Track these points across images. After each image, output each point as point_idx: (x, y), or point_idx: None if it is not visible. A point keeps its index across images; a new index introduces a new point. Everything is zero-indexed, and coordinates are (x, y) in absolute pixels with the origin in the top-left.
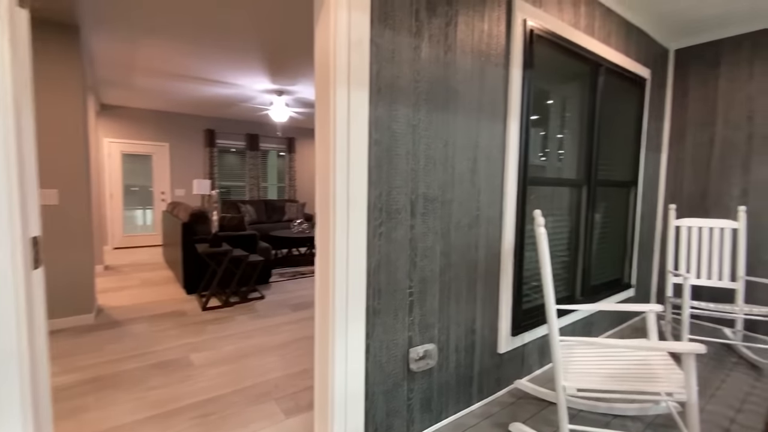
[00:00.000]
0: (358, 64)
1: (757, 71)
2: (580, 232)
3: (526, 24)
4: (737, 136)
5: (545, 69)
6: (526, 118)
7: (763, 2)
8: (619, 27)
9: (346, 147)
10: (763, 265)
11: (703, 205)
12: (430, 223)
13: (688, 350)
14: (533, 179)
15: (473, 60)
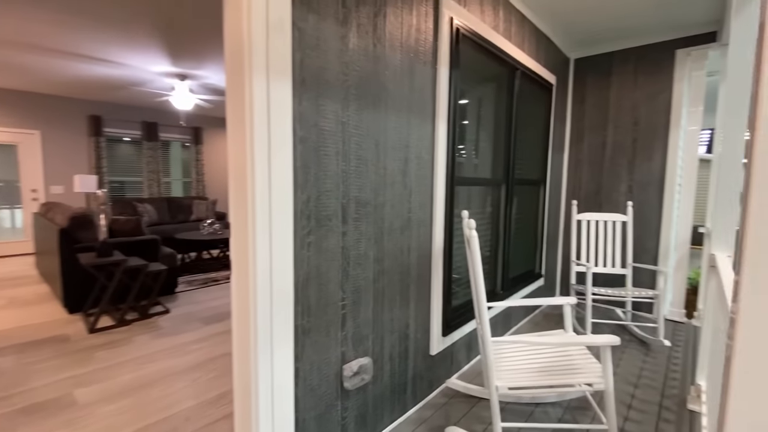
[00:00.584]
0: (278, 49)
1: (641, 82)
2: (500, 228)
3: (453, 22)
4: (625, 140)
5: (469, 70)
6: (453, 119)
7: (645, 21)
8: (531, 34)
9: (266, 145)
10: (646, 252)
11: (597, 200)
12: (363, 229)
13: (605, 343)
14: (460, 179)
15: (402, 56)
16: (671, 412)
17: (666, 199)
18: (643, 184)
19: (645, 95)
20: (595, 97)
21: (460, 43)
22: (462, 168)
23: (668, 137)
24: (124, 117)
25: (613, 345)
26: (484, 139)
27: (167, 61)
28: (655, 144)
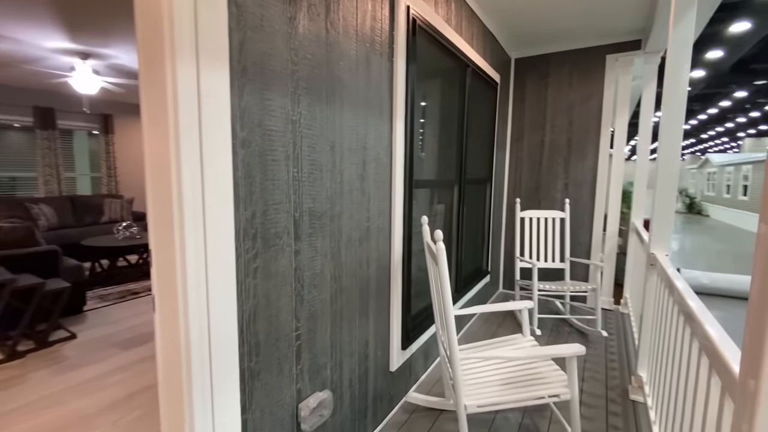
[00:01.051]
0: (211, 27)
1: (575, 84)
2: (453, 229)
3: (409, 12)
4: (561, 140)
5: (424, 64)
6: (411, 117)
7: (578, 26)
8: (479, 30)
9: (197, 152)
10: (580, 246)
11: (536, 197)
12: (319, 245)
13: (572, 353)
14: (418, 182)
15: (358, 45)
16: (617, 404)
17: (597, 196)
18: (577, 182)
19: (579, 97)
20: (534, 97)
21: (416, 35)
22: (419, 169)
23: (599, 138)
24: (10, 100)
25: (577, 353)
26: (438, 138)
27: (64, 36)
28: (587, 144)
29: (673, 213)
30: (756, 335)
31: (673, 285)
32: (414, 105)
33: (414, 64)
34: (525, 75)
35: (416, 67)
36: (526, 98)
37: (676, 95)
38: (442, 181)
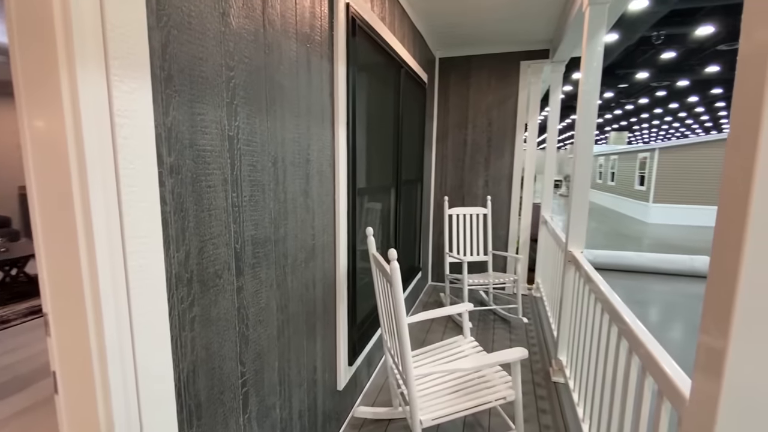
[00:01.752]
0: (123, 25)
1: (493, 86)
2: (391, 232)
3: (349, 10)
4: (481, 139)
5: (363, 66)
6: (352, 123)
7: (496, 32)
8: (409, 29)
9: (113, 188)
10: (499, 239)
11: (460, 193)
12: (263, 275)
13: (517, 358)
14: (360, 190)
15: (299, 46)
16: (542, 388)
17: (514, 192)
18: (496, 179)
19: (497, 99)
20: (457, 97)
21: (356, 34)
22: (360, 176)
23: (515, 137)
24: None
25: (522, 357)
26: (376, 141)
27: None
28: (505, 143)
29: (586, 216)
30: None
31: (591, 279)
32: (355, 110)
33: (354, 65)
34: (449, 75)
35: (356, 69)
36: (450, 98)
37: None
38: (381, 186)
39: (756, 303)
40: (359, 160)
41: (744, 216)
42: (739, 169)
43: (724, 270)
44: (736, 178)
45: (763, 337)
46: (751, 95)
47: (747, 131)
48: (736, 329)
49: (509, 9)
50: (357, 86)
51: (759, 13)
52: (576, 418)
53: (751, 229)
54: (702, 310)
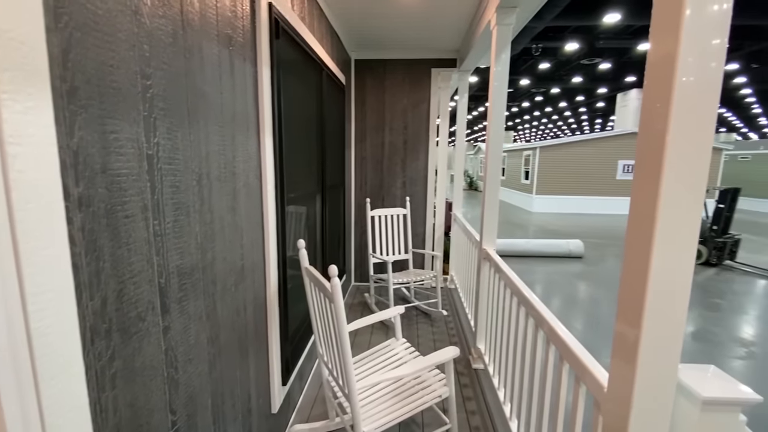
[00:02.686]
0: (13, 25)
1: (407, 90)
2: (318, 238)
3: (272, 10)
4: (398, 141)
5: (287, 69)
6: (279, 130)
7: (409, 39)
8: (327, 30)
9: (6, 236)
10: (417, 236)
11: (380, 194)
12: (192, 308)
13: (450, 357)
14: (288, 200)
15: (221, 49)
16: (465, 376)
17: (429, 192)
18: (413, 180)
19: (411, 102)
20: (374, 99)
21: (280, 36)
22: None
23: (429, 140)
24: None
25: (454, 356)
26: (302, 147)
27: None
28: (420, 145)
29: (497, 216)
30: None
31: (506, 275)
32: (281, 115)
33: (279, 68)
34: (365, 76)
35: (281, 71)
36: (367, 100)
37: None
38: (308, 193)
39: (660, 301)
40: (287, 169)
41: (653, 220)
42: (647, 180)
43: (635, 272)
44: (644, 181)
45: (667, 327)
46: (657, 96)
47: (654, 133)
48: (647, 321)
49: (420, 19)
50: (282, 90)
51: (663, 25)
52: (497, 401)
53: (659, 232)
54: (617, 305)
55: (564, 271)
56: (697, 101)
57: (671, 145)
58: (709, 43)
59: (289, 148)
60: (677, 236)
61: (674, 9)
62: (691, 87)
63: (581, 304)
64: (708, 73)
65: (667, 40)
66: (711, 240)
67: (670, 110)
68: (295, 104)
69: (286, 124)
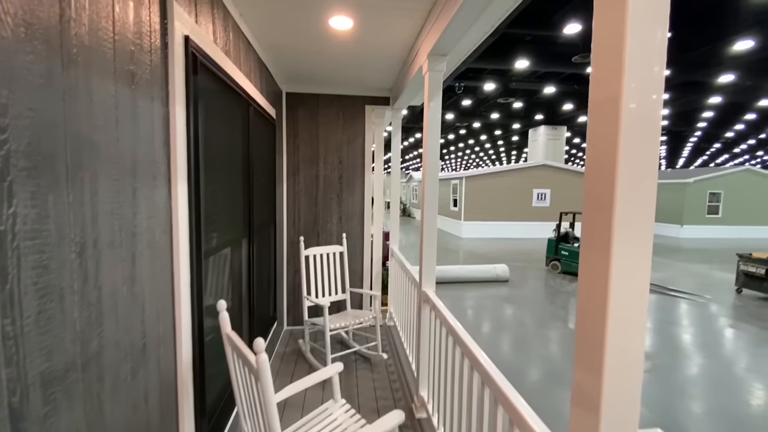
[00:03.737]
0: None
1: (342, 125)
2: (244, 285)
3: (188, 44)
4: (333, 176)
5: (207, 106)
6: (195, 175)
7: (344, 76)
8: (255, 63)
9: None
10: (354, 273)
11: (315, 230)
12: (65, 423)
13: (395, 425)
14: (207, 252)
15: (119, 88)
16: (408, 429)
17: (366, 227)
18: (349, 215)
19: (347, 138)
20: (307, 133)
21: (198, 72)
22: (207, 234)
23: (365, 174)
24: None
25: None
26: (225, 189)
27: None
28: (356, 180)
29: (435, 256)
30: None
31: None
32: (198, 158)
33: (196, 106)
34: (297, 110)
35: (199, 110)
36: (300, 133)
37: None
38: (233, 238)
39: (620, 345)
40: (207, 216)
41: (607, 259)
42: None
43: (592, 319)
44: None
45: (627, 372)
46: (601, 134)
47: (601, 164)
48: (608, 368)
49: (353, 59)
50: (201, 130)
51: (602, 75)
52: None
53: (614, 271)
54: (575, 350)
55: (493, 295)
56: (642, 132)
57: (620, 185)
58: (651, 71)
59: (209, 193)
60: (632, 273)
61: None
62: (636, 116)
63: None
64: (650, 103)
65: (611, 77)
66: None
67: (618, 140)
68: (217, 143)
69: (206, 166)
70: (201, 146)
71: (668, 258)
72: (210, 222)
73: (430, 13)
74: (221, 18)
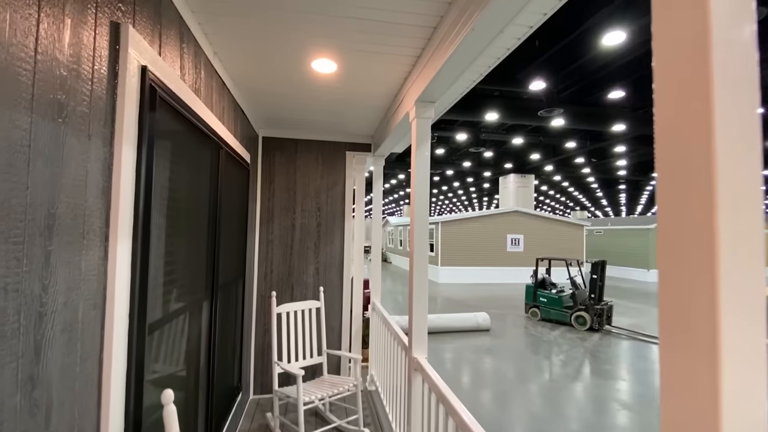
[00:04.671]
0: None
1: (321, 171)
2: (202, 359)
3: (146, 76)
4: (311, 223)
5: (167, 148)
6: (143, 230)
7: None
8: (229, 104)
9: None
10: (332, 331)
11: (289, 282)
12: None
13: None
14: (154, 325)
15: (38, 121)
16: None
17: (345, 279)
18: (327, 265)
19: (326, 184)
20: (283, 179)
21: (157, 108)
22: (155, 303)
23: (344, 223)
24: None
25: None
26: (184, 244)
27: None
28: (335, 228)
29: (426, 317)
30: None
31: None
32: (150, 209)
33: (152, 148)
34: (274, 154)
35: (155, 152)
36: (276, 179)
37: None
38: (191, 302)
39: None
40: (156, 281)
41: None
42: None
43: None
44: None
45: None
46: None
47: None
48: None
49: (334, 105)
50: (156, 175)
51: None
52: None
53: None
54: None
55: (476, 346)
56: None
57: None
58: None
59: (163, 250)
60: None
61: None
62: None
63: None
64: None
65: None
66: (591, 308)
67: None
68: (178, 190)
69: (161, 218)
70: (155, 194)
71: (640, 303)
72: (162, 287)
73: (418, 59)
74: (191, 54)
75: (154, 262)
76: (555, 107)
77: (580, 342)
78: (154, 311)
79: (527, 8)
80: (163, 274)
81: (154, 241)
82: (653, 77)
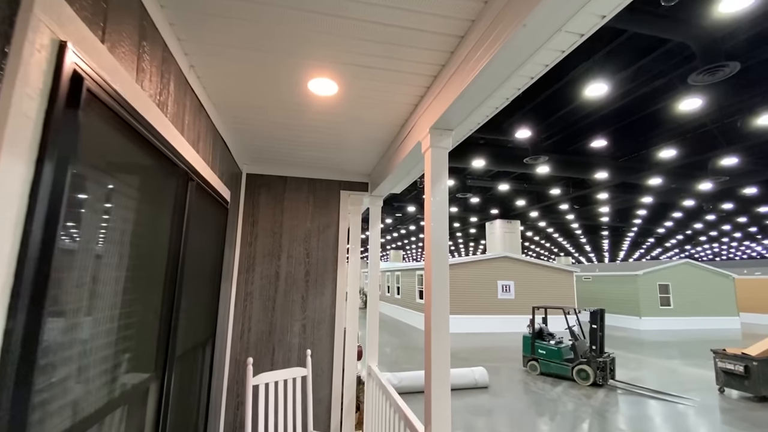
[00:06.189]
0: None
1: (312, 212)
2: None
3: (65, 54)
4: (298, 272)
5: (101, 168)
6: (36, 288)
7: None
8: (207, 131)
9: None
10: (320, 403)
11: (270, 342)
12: None
13: None
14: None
15: None
16: None
17: (337, 338)
18: (316, 322)
19: (317, 226)
20: (268, 221)
21: (82, 108)
22: (62, 402)
23: (337, 271)
24: None
25: None
26: (119, 310)
27: None
28: (326, 278)
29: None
30: None
31: None
32: (51, 260)
33: (66, 164)
34: (259, 193)
35: (70, 171)
36: (260, 221)
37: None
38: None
39: None
40: (50, 373)
41: None
42: None
43: None
44: None
45: None
46: None
47: None
48: None
49: (331, 136)
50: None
51: None
52: None
53: None
54: None
55: (475, 407)
56: None
57: None
58: None
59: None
60: None
61: None
62: None
63: None
64: None
65: None
66: (594, 360)
67: None
68: (113, 229)
69: (76, 273)
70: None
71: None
72: (71, 378)
73: (435, 78)
74: (157, 59)
75: (57, 339)
76: (540, 155)
77: (585, 400)
78: (46, 418)
79: (584, 9)
80: (78, 355)
81: (56, 307)
82: None
